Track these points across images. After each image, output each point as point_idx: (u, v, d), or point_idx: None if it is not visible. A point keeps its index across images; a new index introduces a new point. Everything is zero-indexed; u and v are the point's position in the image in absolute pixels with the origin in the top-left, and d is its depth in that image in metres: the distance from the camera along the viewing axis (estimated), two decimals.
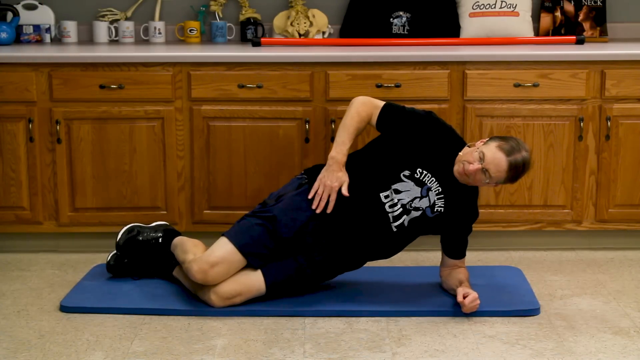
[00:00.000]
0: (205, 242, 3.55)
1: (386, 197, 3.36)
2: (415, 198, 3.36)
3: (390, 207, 3.36)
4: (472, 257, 3.98)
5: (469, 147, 3.35)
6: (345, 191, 3.34)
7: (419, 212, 3.37)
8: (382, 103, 3.43)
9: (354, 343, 3.10)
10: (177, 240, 3.58)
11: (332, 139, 3.91)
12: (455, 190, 3.37)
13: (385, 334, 3.18)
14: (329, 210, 3.35)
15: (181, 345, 3.08)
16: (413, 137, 3.38)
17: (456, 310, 3.32)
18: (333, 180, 3.34)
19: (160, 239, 3.61)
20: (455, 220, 3.43)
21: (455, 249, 3.49)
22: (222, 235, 3.41)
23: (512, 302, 3.40)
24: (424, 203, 3.36)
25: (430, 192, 3.36)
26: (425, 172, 3.35)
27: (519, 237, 4.13)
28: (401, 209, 3.36)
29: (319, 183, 3.36)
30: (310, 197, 3.37)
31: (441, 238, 3.51)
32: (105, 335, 3.16)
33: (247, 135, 3.95)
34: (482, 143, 3.31)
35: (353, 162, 3.43)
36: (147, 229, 3.66)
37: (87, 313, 3.34)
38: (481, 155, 3.23)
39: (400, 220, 3.37)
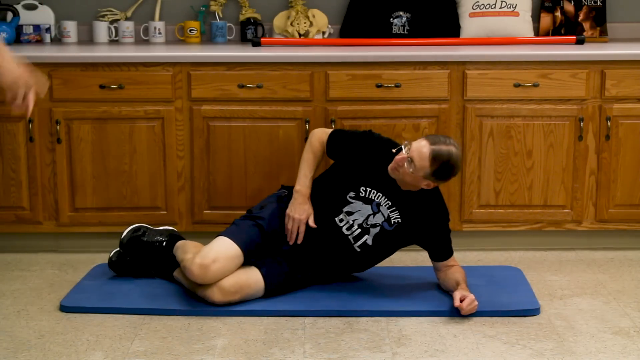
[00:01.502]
0: (206, 242, 3.54)
1: (340, 220, 3.44)
2: (369, 215, 3.41)
3: (347, 229, 3.43)
4: (472, 257, 3.98)
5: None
6: (312, 222, 3.44)
7: (378, 228, 3.41)
8: (324, 129, 3.55)
9: (354, 343, 3.10)
10: (180, 243, 3.60)
11: None
12: (406, 199, 3.39)
13: (385, 334, 3.18)
14: (299, 242, 3.45)
15: (181, 345, 3.08)
16: (353, 158, 3.45)
17: (456, 310, 3.32)
18: (300, 212, 3.45)
19: (164, 243, 3.61)
20: (424, 227, 3.43)
21: (439, 252, 3.48)
22: (218, 235, 3.43)
23: (512, 302, 3.39)
24: (378, 219, 3.41)
25: (380, 207, 3.40)
26: (368, 189, 3.40)
27: (519, 237, 4.13)
28: (359, 230, 3.42)
29: (288, 218, 3.46)
30: (287, 234, 3.47)
31: (424, 247, 3.52)
32: (105, 335, 3.16)
33: (247, 135, 3.95)
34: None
35: (311, 192, 3.51)
36: (153, 231, 3.66)
37: (87, 313, 3.35)
38: (409, 147, 3.27)
39: (362, 240, 3.43)
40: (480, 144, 3.97)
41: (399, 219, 3.40)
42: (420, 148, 3.24)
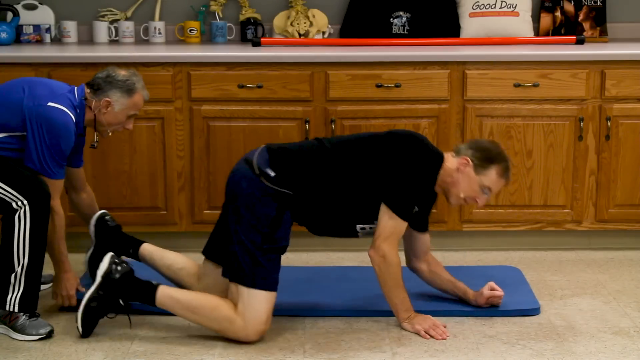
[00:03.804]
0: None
1: (362, 228, 3.22)
2: None
3: (361, 229, 3.23)
4: (472, 257, 3.98)
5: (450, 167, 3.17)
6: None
7: None
8: (399, 227, 3.15)
9: (354, 343, 3.10)
10: (176, 294, 3.17)
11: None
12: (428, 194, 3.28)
13: (385, 334, 3.18)
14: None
15: (181, 345, 3.08)
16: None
17: (456, 310, 3.33)
18: (423, 323, 3.19)
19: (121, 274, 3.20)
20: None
21: (423, 221, 3.33)
22: (250, 287, 3.05)
23: (512, 302, 3.39)
24: None
25: None
26: None
27: (519, 237, 4.13)
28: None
29: (424, 334, 3.16)
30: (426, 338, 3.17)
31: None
32: (105, 335, 3.16)
33: (247, 135, 3.95)
34: (467, 163, 3.13)
35: (346, 186, 3.17)
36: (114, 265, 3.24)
37: None
38: (486, 191, 3.16)
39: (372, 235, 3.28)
40: None
41: (417, 208, 3.23)
42: (497, 181, 3.14)
